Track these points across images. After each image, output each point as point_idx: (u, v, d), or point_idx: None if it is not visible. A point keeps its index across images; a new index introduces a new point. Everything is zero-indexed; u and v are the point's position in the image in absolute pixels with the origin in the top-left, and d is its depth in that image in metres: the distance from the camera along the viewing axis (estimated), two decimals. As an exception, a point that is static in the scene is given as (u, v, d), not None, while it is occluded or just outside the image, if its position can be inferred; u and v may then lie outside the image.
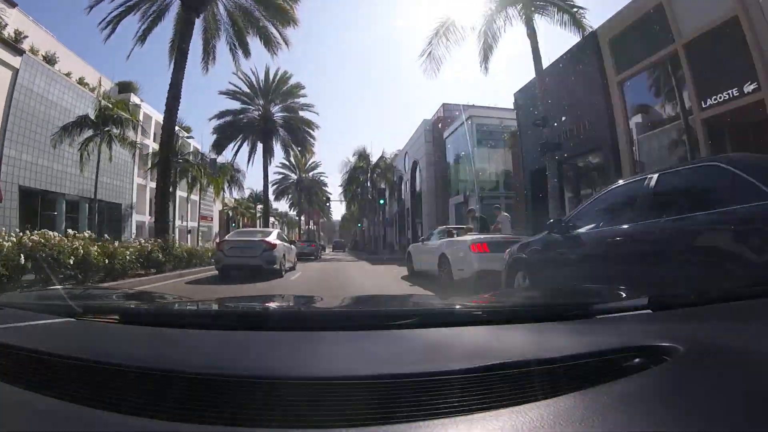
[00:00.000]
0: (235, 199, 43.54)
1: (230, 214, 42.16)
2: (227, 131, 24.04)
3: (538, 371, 0.65)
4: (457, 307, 1.11)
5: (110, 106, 21.17)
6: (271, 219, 58.50)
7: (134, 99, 31.35)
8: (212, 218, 41.37)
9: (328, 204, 39.07)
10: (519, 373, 0.65)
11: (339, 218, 79.24)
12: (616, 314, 0.93)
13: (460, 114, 23.87)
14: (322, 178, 45.11)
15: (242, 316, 1.13)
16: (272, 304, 1.52)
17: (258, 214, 50.70)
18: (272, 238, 9.78)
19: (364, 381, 0.64)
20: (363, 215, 41.07)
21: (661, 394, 0.60)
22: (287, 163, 40.30)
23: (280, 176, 41.79)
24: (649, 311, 0.94)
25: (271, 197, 42.36)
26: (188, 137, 26.56)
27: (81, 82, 26.87)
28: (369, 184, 32.45)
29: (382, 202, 29.74)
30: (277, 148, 26.26)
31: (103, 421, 0.61)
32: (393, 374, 0.64)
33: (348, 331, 0.88)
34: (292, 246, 12.70)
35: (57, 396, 0.67)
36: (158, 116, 32.58)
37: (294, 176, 42.07)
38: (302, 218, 48.33)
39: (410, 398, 0.61)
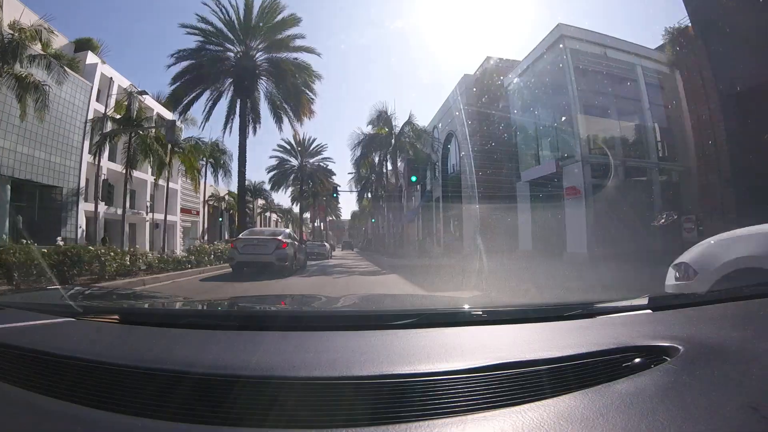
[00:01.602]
0: (229, 192, 36.53)
1: (216, 206, 34.93)
2: (190, 75, 16.82)
3: (539, 371, 0.66)
4: (459, 307, 1.12)
5: (12, 33, 14.36)
6: (274, 216, 52.09)
7: (93, 58, 24.94)
8: (198, 212, 34.47)
9: (335, 195, 31.67)
10: (519, 373, 0.65)
11: (348, 217, 72.62)
12: (616, 314, 0.92)
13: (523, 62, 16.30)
14: (329, 166, 37.78)
15: (243, 317, 1.15)
16: (273, 305, 1.59)
17: (258, 210, 43.91)
18: (284, 237, 10.36)
19: (367, 381, 0.64)
20: (378, 210, 33.44)
21: (661, 394, 0.60)
22: (286, 145, 33.17)
23: (277, 161, 34.56)
24: (649, 311, 0.94)
25: (267, 186, 35.31)
26: (141, 92, 19.34)
27: (13, 26, 20.24)
28: (389, 165, 24.80)
29: (414, 179, 21.77)
30: (267, 120, 18.89)
31: (103, 421, 0.60)
32: (395, 374, 0.65)
33: (350, 331, 0.87)
34: (303, 245, 13.05)
35: (57, 396, 0.66)
36: (122, 80, 25.98)
37: (295, 162, 34.83)
38: (307, 215, 41.20)
39: (412, 398, 0.61)
